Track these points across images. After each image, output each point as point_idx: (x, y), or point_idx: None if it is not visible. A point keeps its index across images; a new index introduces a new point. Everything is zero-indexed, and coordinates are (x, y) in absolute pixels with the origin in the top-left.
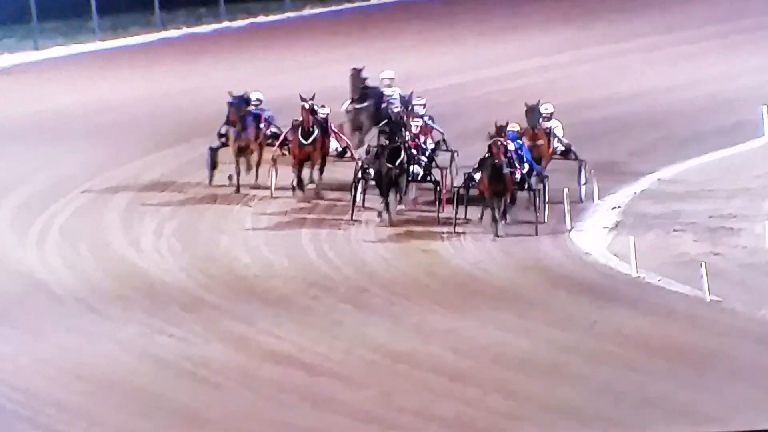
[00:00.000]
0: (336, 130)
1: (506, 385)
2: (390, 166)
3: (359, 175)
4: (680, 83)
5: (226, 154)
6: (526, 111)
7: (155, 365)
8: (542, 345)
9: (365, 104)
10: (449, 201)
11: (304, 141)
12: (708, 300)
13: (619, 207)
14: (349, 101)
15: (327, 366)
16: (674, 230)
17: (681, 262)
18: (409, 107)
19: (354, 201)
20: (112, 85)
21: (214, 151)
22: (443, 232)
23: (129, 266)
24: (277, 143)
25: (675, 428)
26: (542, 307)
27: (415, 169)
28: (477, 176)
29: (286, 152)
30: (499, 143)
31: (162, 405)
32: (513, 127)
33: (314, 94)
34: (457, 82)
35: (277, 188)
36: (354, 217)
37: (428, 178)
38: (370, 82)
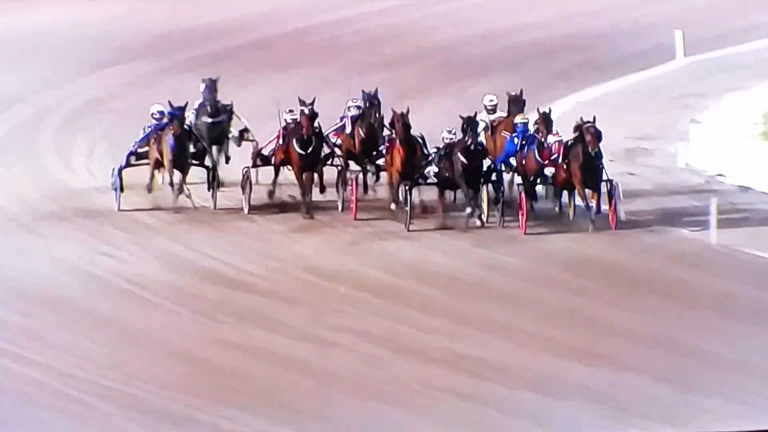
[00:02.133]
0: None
1: (433, 303)
2: (467, 164)
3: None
4: (604, 7)
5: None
6: (509, 100)
7: (92, 283)
8: (471, 264)
9: (220, 118)
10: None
11: (302, 152)
12: (623, 218)
13: None
14: (195, 114)
15: (260, 285)
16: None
17: None
18: (375, 102)
19: (411, 209)
20: (47, 8)
21: (120, 172)
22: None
23: (62, 186)
24: (257, 151)
25: (600, 339)
26: (472, 229)
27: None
28: (549, 171)
29: (260, 164)
30: (593, 129)
31: (99, 322)
32: (523, 120)
33: (314, 98)
34: (382, 8)
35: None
36: (410, 228)
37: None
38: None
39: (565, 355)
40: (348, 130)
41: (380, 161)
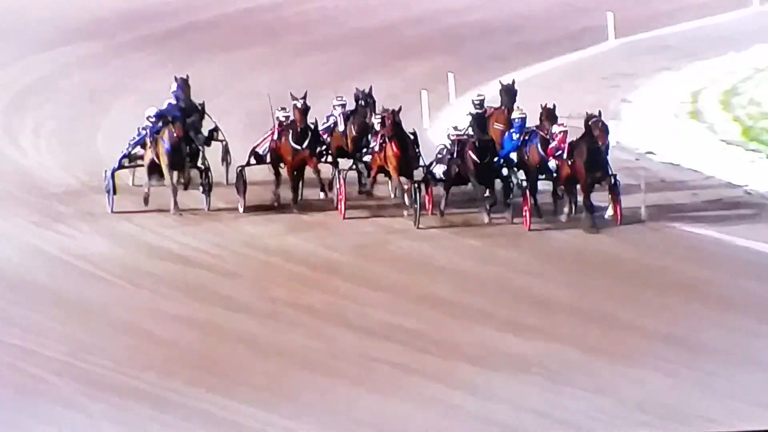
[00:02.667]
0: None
1: (376, 278)
2: (479, 161)
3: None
4: None
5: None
6: (500, 91)
7: (42, 259)
8: (416, 243)
9: (191, 118)
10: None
11: (297, 146)
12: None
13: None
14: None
15: (203, 259)
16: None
17: None
18: (370, 101)
19: (420, 205)
20: None
21: (113, 174)
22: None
23: (10, 164)
24: (252, 150)
25: (535, 313)
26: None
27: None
28: (552, 165)
29: (254, 163)
30: (600, 123)
31: (49, 296)
32: (521, 115)
33: (306, 92)
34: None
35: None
36: (419, 225)
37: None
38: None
39: (502, 329)
40: (341, 128)
41: (367, 158)
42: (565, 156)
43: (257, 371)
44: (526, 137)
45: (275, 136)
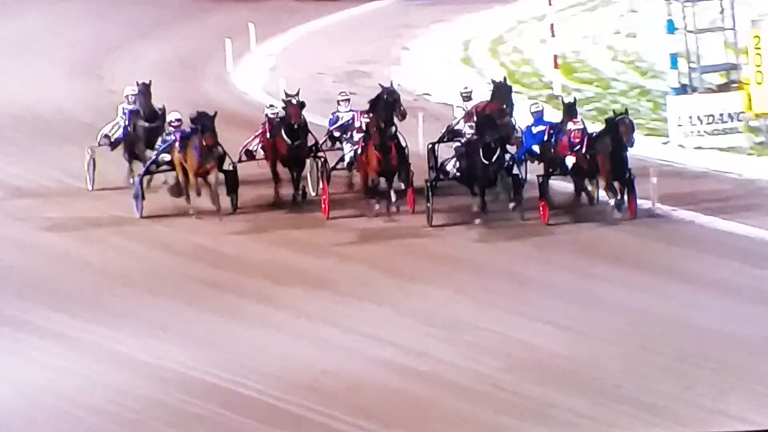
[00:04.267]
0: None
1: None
2: (487, 162)
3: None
4: None
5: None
6: (494, 87)
7: None
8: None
9: (157, 123)
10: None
11: (291, 142)
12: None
13: (273, 54)
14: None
15: (32, 188)
16: (318, 73)
17: (323, 99)
18: (396, 96)
19: (431, 204)
20: None
21: (141, 180)
22: None
23: None
24: (243, 147)
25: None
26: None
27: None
28: (570, 161)
29: (245, 158)
30: (627, 121)
31: None
32: (538, 108)
33: (299, 90)
34: None
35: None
36: (432, 223)
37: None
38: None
39: (301, 251)
40: (357, 124)
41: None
42: (583, 150)
43: (81, 287)
44: (551, 130)
45: (268, 135)
